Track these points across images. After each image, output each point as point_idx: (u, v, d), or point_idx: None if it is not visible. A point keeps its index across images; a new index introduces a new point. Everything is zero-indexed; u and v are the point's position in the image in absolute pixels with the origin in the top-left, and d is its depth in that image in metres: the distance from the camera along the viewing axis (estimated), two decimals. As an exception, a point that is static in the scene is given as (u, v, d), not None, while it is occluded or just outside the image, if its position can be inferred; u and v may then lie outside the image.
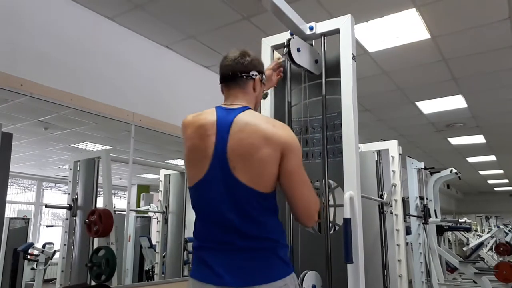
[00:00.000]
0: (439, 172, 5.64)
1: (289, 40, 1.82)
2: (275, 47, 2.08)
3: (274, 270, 1.25)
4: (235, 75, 1.40)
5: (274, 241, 1.29)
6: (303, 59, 1.88)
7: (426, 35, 3.52)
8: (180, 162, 4.83)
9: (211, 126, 1.33)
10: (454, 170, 5.54)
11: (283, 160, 1.28)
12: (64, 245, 3.33)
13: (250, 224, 1.27)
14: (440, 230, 5.70)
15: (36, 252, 4.70)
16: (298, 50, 1.85)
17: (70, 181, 3.41)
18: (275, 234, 1.31)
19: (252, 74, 1.42)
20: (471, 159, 9.46)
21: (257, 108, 1.54)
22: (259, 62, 1.47)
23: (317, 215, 1.38)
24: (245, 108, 1.37)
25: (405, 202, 3.62)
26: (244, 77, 1.40)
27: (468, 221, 12.07)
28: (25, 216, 5.86)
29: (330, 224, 1.84)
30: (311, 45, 1.98)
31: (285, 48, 1.81)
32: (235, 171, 1.26)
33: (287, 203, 1.39)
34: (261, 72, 1.47)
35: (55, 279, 3.58)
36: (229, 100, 1.41)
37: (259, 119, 1.34)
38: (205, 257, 1.29)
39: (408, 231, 4.66)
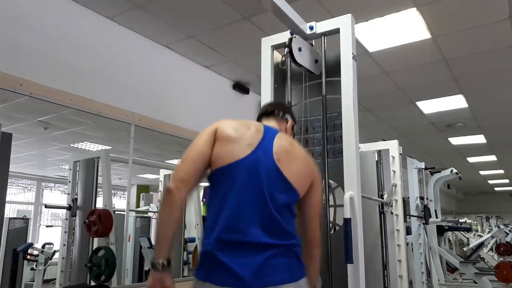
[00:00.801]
0: (440, 172, 5.64)
1: (290, 40, 1.82)
2: (275, 47, 2.08)
3: (295, 271, 1.28)
4: (274, 112, 1.56)
5: (295, 242, 1.32)
6: (304, 58, 1.88)
7: (427, 35, 3.52)
8: (180, 162, 4.82)
9: (259, 127, 1.42)
10: (455, 170, 5.54)
11: (313, 186, 1.39)
12: (64, 245, 3.33)
13: (283, 219, 1.31)
14: (441, 230, 5.69)
15: (35, 252, 4.69)
16: (300, 49, 1.85)
17: (69, 181, 3.41)
18: (296, 236, 1.34)
19: (287, 117, 1.57)
20: (471, 159, 9.45)
21: None
22: (292, 112, 1.64)
23: None
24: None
25: (405, 202, 3.61)
26: (281, 115, 1.56)
27: (469, 221, 12.05)
28: (24, 216, 5.85)
29: (330, 224, 1.84)
30: (311, 44, 1.98)
31: (286, 48, 1.81)
32: (279, 163, 1.33)
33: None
34: (294, 120, 1.61)
35: (55, 279, 3.58)
36: (268, 124, 1.52)
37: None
38: (226, 258, 1.24)
39: (408, 231, 4.65)
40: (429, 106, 5.51)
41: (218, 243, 1.26)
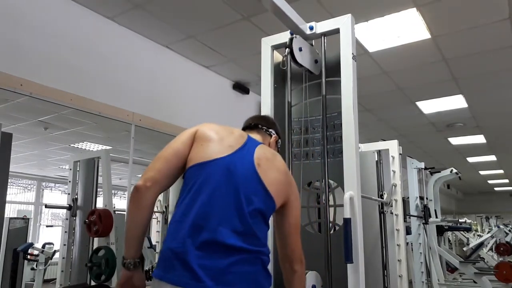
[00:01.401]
0: (439, 172, 5.64)
1: (291, 40, 1.82)
2: (275, 47, 2.08)
3: (259, 280, 1.24)
4: (257, 126, 1.54)
5: (264, 252, 1.28)
6: (304, 58, 1.88)
7: (427, 35, 3.52)
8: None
9: (242, 134, 1.43)
10: (454, 170, 5.54)
11: (289, 204, 1.37)
12: (64, 245, 3.33)
13: (254, 226, 1.29)
14: (440, 230, 5.69)
15: (36, 252, 4.69)
16: (300, 49, 1.85)
17: (70, 181, 3.41)
18: (266, 246, 1.31)
19: (271, 132, 1.55)
20: (471, 159, 9.46)
21: None
22: (277, 125, 1.62)
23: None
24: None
25: (405, 202, 3.62)
26: (264, 130, 1.55)
27: (468, 221, 12.06)
28: (25, 216, 5.86)
29: (330, 224, 1.84)
30: (311, 45, 1.98)
31: (287, 48, 1.82)
32: (258, 168, 1.32)
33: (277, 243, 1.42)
34: (278, 135, 1.59)
35: (55, 279, 3.58)
36: (253, 135, 1.51)
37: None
38: (187, 256, 1.20)
39: (408, 231, 4.65)
40: (429, 106, 5.51)
41: (184, 240, 1.19)
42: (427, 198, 5.37)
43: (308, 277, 1.67)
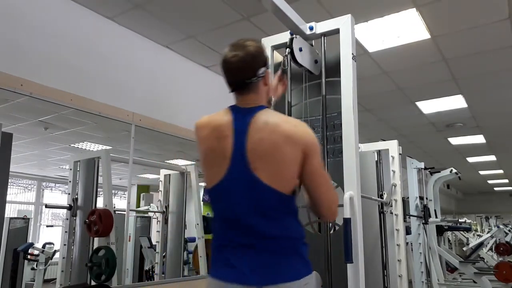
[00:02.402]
0: (439, 172, 5.65)
1: (291, 40, 1.82)
2: (275, 47, 2.08)
3: (297, 269, 1.24)
4: (243, 82, 1.32)
5: (296, 240, 1.29)
6: (304, 58, 1.88)
7: (426, 35, 3.52)
8: (180, 162, 4.83)
9: (227, 127, 1.30)
10: (454, 170, 5.55)
11: (305, 160, 1.27)
12: (64, 245, 3.33)
13: (271, 224, 1.25)
14: (440, 230, 5.70)
15: (36, 252, 4.70)
16: (300, 49, 1.85)
17: (70, 181, 3.41)
18: (296, 233, 1.30)
19: (260, 74, 1.33)
20: (471, 159, 9.46)
21: (275, 96, 1.58)
22: (260, 51, 1.34)
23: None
24: (261, 108, 1.33)
25: (405, 202, 3.62)
26: (253, 81, 1.32)
27: (468, 221, 12.06)
28: (25, 216, 5.86)
29: (330, 224, 1.84)
30: (311, 45, 1.98)
31: (287, 49, 1.82)
32: (256, 172, 1.24)
33: (307, 200, 1.38)
34: (266, 62, 1.37)
35: (55, 279, 3.58)
36: (243, 100, 1.35)
37: (278, 118, 1.31)
38: (228, 256, 1.26)
39: (408, 231, 4.66)
40: (428, 106, 5.52)
41: (220, 245, 1.32)
42: (427, 198, 5.38)
43: None
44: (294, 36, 1.85)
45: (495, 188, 15.09)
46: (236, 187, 1.27)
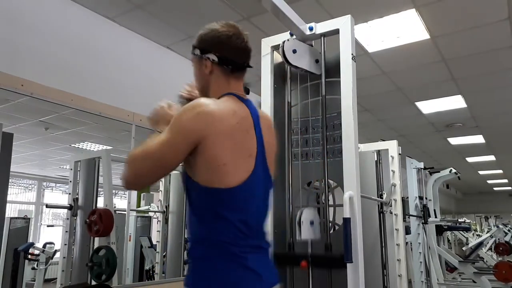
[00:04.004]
0: (439, 172, 5.65)
1: (283, 42, 1.84)
2: (275, 47, 2.09)
3: None
4: (248, 66, 1.26)
5: None
6: (300, 60, 1.89)
7: (426, 35, 3.53)
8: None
9: (250, 120, 1.18)
10: (454, 170, 5.55)
11: None
12: (65, 244, 3.33)
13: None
14: (440, 230, 5.70)
15: (36, 252, 4.70)
16: (294, 51, 1.86)
17: (70, 181, 3.41)
18: None
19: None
20: (470, 159, 9.47)
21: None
22: None
23: None
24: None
25: (404, 202, 3.63)
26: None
27: (468, 221, 12.08)
28: (25, 216, 5.87)
29: (330, 224, 1.85)
30: (311, 45, 1.99)
31: (280, 50, 1.84)
32: (272, 174, 1.21)
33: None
34: None
35: (56, 278, 3.59)
36: (238, 87, 1.25)
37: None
38: (255, 260, 1.13)
39: (407, 230, 4.66)
40: (428, 106, 5.53)
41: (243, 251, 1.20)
42: (426, 198, 5.38)
43: (305, 213, 1.74)
44: (287, 39, 1.87)
45: (495, 188, 15.10)
46: (259, 191, 1.18)
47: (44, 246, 4.83)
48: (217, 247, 1.10)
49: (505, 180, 13.01)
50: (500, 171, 11.23)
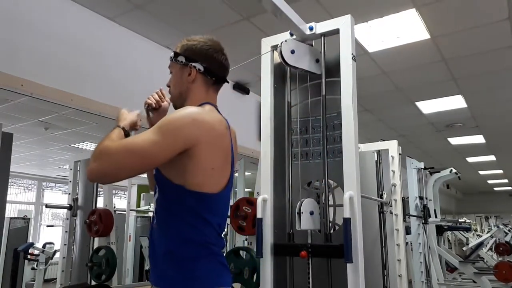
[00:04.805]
0: (439, 172, 5.64)
1: (281, 43, 1.84)
2: (275, 47, 2.08)
3: None
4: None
5: None
6: (298, 60, 1.89)
7: (426, 35, 3.53)
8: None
9: (227, 129, 1.29)
10: (454, 170, 5.55)
11: None
12: (65, 245, 3.34)
13: None
14: (440, 230, 5.70)
15: (36, 252, 4.70)
16: (292, 52, 1.85)
17: (70, 181, 3.42)
18: None
19: None
20: (470, 159, 9.47)
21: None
22: None
23: None
24: None
25: (404, 202, 3.62)
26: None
27: (468, 221, 12.08)
28: (25, 216, 5.87)
29: (330, 224, 1.85)
30: (311, 45, 1.98)
31: (278, 51, 1.85)
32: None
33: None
34: None
35: (56, 279, 3.59)
36: (215, 98, 1.41)
37: None
38: (224, 259, 1.26)
39: (407, 231, 4.66)
40: (428, 106, 5.52)
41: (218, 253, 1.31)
42: (426, 198, 5.37)
43: (305, 204, 1.75)
44: (285, 40, 1.86)
45: (495, 188, 15.10)
46: (229, 197, 1.30)
47: (44, 246, 4.83)
48: (204, 248, 1.19)
49: (505, 180, 13.01)
50: (501, 171, 11.23)
